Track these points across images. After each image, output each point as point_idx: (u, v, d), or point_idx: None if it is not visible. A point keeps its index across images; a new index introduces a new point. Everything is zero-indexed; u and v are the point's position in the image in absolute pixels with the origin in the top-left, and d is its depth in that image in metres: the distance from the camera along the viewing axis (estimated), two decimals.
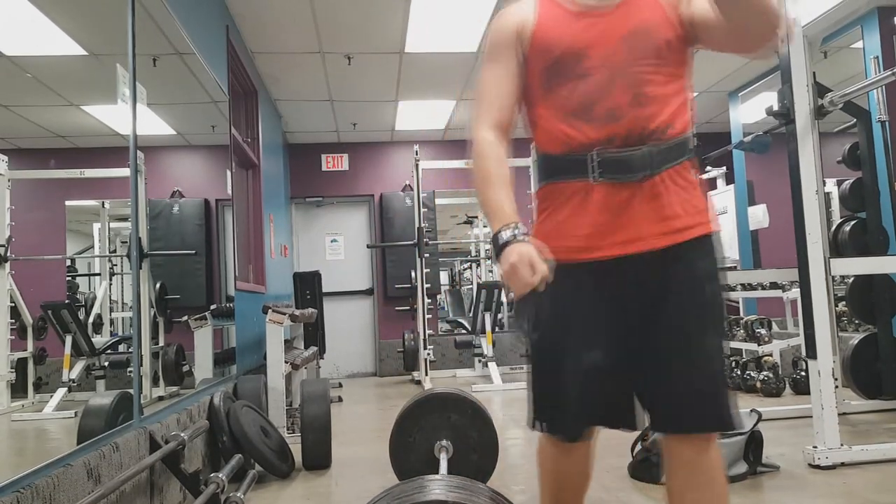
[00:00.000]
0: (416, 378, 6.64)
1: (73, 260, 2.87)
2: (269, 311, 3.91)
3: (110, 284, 3.09)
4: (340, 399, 5.78)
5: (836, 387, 3.00)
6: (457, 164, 6.71)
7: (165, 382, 2.98)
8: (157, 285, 2.97)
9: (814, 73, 3.17)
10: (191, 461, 2.62)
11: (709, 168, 6.31)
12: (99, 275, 3.17)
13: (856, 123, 4.06)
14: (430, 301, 7.05)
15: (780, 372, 4.90)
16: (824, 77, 3.27)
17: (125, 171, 2.37)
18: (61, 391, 2.44)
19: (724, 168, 6.38)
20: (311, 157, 7.69)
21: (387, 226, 7.63)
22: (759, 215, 5.88)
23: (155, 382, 2.81)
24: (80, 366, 2.56)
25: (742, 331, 5.15)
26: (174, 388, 3.03)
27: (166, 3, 2.82)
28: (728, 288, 1.47)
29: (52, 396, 2.37)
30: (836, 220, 4.65)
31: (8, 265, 2.08)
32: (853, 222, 4.03)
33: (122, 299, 3.08)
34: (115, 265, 3.19)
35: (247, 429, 2.97)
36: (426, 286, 6.49)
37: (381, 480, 2.87)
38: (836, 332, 3.88)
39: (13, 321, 2.18)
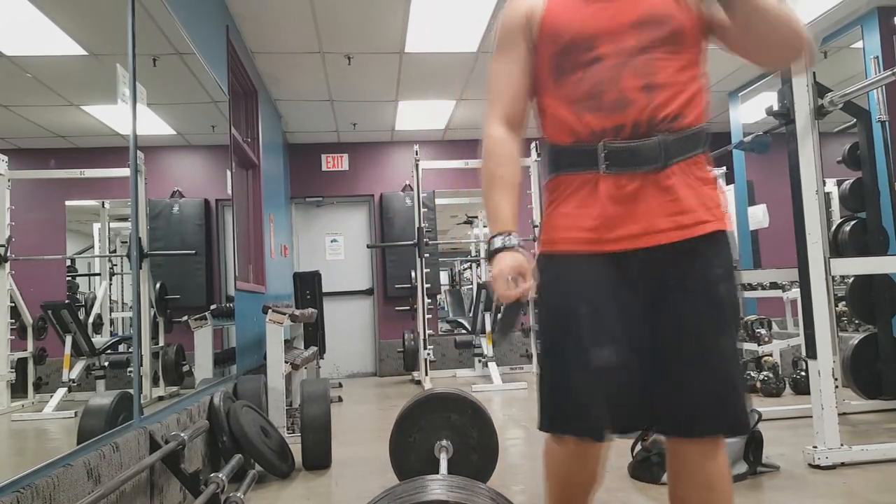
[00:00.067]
0: (416, 378, 6.64)
1: (73, 260, 2.87)
2: (269, 311, 3.91)
3: (110, 284, 3.09)
4: (340, 399, 5.78)
5: (836, 387, 3.00)
6: (457, 164, 6.70)
7: (165, 382, 2.98)
8: (157, 285, 2.97)
9: (814, 73, 3.17)
10: (191, 461, 2.62)
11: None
12: (99, 275, 3.17)
13: (856, 123, 4.06)
14: (430, 301, 7.05)
15: (780, 372, 4.90)
16: (824, 77, 3.27)
17: (125, 171, 2.37)
18: (61, 391, 2.44)
19: (724, 168, 6.38)
20: (311, 157, 7.69)
21: (387, 226, 7.63)
22: (759, 215, 5.88)
23: (155, 382, 2.81)
24: (80, 366, 2.56)
25: (742, 331, 5.16)
26: (174, 388, 3.03)
27: (166, 3, 2.82)
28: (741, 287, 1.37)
29: (52, 396, 2.37)
30: (836, 220, 4.65)
31: (8, 265, 2.08)
32: (853, 222, 4.03)
33: (122, 299, 3.08)
34: (115, 265, 3.19)
35: (247, 429, 2.97)
36: (426, 286, 6.49)
37: (381, 480, 2.87)
38: (836, 332, 3.88)
39: (13, 321, 2.18)
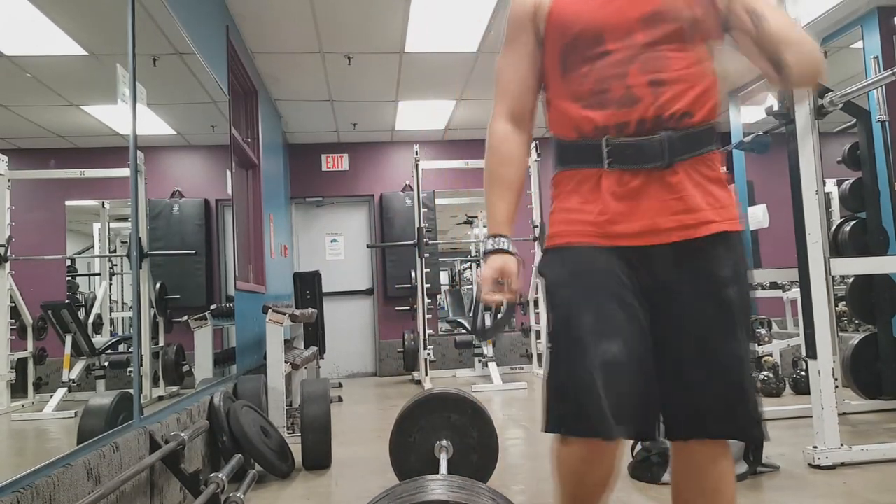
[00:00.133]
0: (416, 378, 6.64)
1: (73, 260, 2.87)
2: (269, 311, 3.91)
3: (110, 284, 3.09)
4: (340, 399, 5.78)
5: (836, 387, 3.00)
6: (457, 164, 6.71)
7: (165, 382, 2.98)
8: (157, 285, 2.97)
9: None
10: (191, 461, 2.62)
11: None
12: (99, 275, 3.17)
13: (856, 123, 4.06)
14: (430, 301, 7.04)
15: (780, 372, 4.90)
16: (824, 77, 3.27)
17: (125, 171, 2.37)
18: (61, 391, 2.44)
19: (724, 168, 6.37)
20: (311, 157, 7.69)
21: (387, 226, 7.63)
22: (759, 215, 5.87)
23: (155, 382, 2.81)
24: (80, 366, 2.56)
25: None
26: (174, 388, 3.03)
27: (166, 3, 2.82)
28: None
29: (52, 396, 2.37)
30: (836, 220, 4.65)
31: (8, 265, 2.08)
32: (853, 222, 4.03)
33: (122, 299, 3.08)
34: (115, 265, 3.19)
35: (247, 429, 2.97)
36: (426, 286, 6.49)
37: (381, 480, 2.87)
38: (836, 332, 3.88)
39: (13, 321, 2.18)
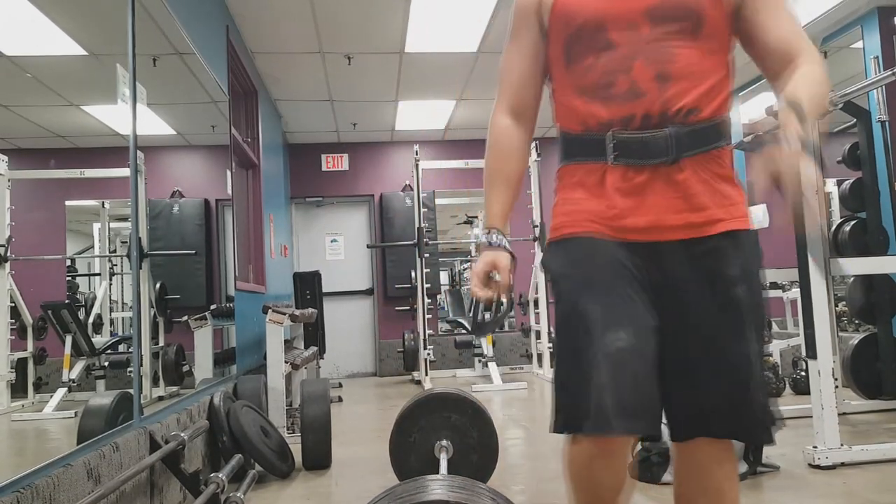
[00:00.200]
0: (416, 378, 6.64)
1: (73, 260, 2.87)
2: (269, 311, 3.91)
3: (110, 284, 3.09)
4: (340, 399, 5.78)
5: (836, 387, 3.00)
6: (457, 164, 6.71)
7: (165, 382, 2.98)
8: (157, 285, 2.97)
9: None
10: (191, 461, 2.62)
11: None
12: (99, 275, 3.17)
13: (856, 123, 4.07)
14: (430, 301, 7.04)
15: (780, 372, 4.90)
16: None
17: (125, 171, 2.37)
18: (61, 391, 2.44)
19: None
20: (311, 157, 7.69)
21: (387, 226, 7.63)
22: (759, 215, 5.87)
23: (155, 382, 2.81)
24: (80, 366, 2.56)
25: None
26: (174, 388, 3.03)
27: (166, 3, 2.82)
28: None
29: (52, 396, 2.37)
30: (836, 220, 4.65)
31: (8, 265, 2.08)
32: (853, 222, 4.03)
33: (122, 299, 3.08)
34: (115, 265, 3.19)
35: (247, 429, 2.97)
36: (426, 286, 6.49)
37: (381, 480, 2.87)
38: (836, 332, 3.88)
39: (13, 321, 2.19)
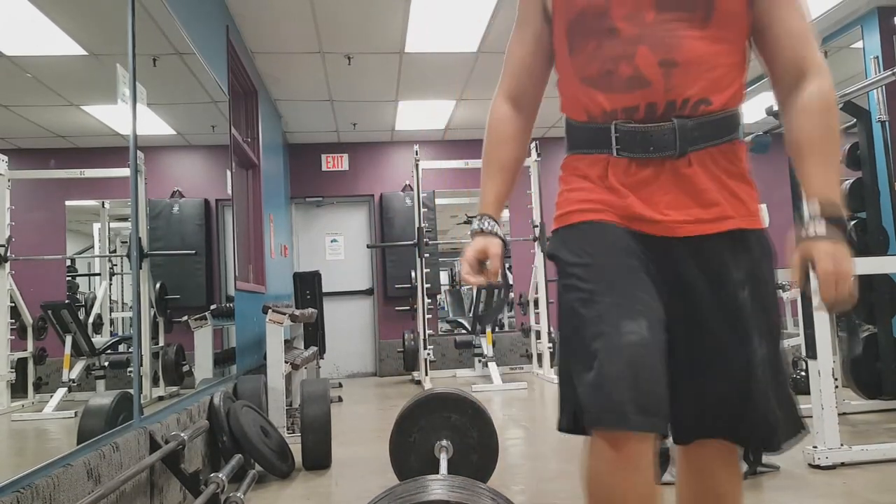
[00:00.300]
0: (416, 378, 6.64)
1: (73, 260, 2.87)
2: (269, 311, 3.91)
3: (110, 284, 3.09)
4: (340, 399, 5.78)
5: (836, 387, 3.00)
6: (457, 164, 6.71)
7: (165, 382, 2.98)
8: (157, 285, 2.97)
9: None
10: (191, 461, 2.62)
11: None
12: (99, 275, 3.17)
13: (856, 123, 4.07)
14: (430, 301, 7.05)
15: None
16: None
17: (125, 171, 2.37)
18: (61, 391, 2.44)
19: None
20: (311, 157, 7.69)
21: (387, 226, 7.63)
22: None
23: (155, 382, 2.81)
24: (80, 366, 2.56)
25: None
26: (174, 388, 3.03)
27: (166, 3, 2.82)
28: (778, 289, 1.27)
29: (52, 396, 2.37)
30: None
31: (8, 265, 2.08)
32: (853, 222, 4.03)
33: (122, 299, 3.08)
34: (115, 265, 3.19)
35: (247, 429, 2.97)
36: (426, 286, 6.49)
37: (381, 480, 2.87)
38: (836, 332, 3.88)
39: (13, 321, 2.18)
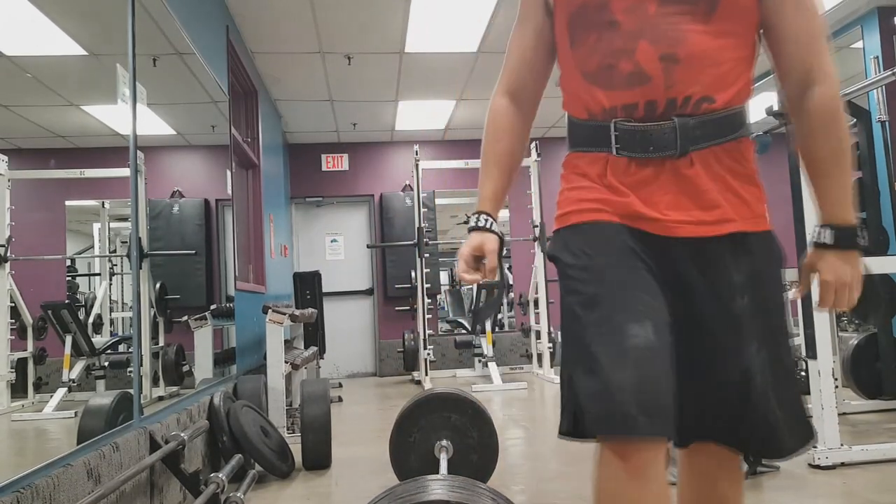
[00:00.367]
0: (416, 378, 6.64)
1: (73, 260, 2.87)
2: (269, 311, 3.91)
3: (110, 284, 3.09)
4: (340, 399, 5.78)
5: (836, 387, 3.00)
6: (457, 164, 6.71)
7: (165, 382, 2.98)
8: (157, 285, 2.97)
9: None
10: (191, 461, 2.62)
11: None
12: (99, 275, 3.17)
13: (856, 123, 4.07)
14: (430, 301, 7.05)
15: None
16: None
17: (125, 171, 2.37)
18: (61, 391, 2.43)
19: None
20: (311, 157, 7.69)
21: (387, 226, 7.63)
22: None
23: (155, 382, 2.81)
24: (80, 366, 2.56)
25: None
26: (174, 388, 3.03)
27: (166, 3, 2.82)
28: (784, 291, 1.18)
29: (52, 396, 2.37)
30: None
31: (8, 265, 2.08)
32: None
33: (122, 299, 3.08)
34: (115, 265, 3.19)
35: (247, 429, 2.97)
36: (426, 286, 6.49)
37: (381, 480, 2.87)
38: (836, 332, 3.88)
39: (13, 321, 2.18)
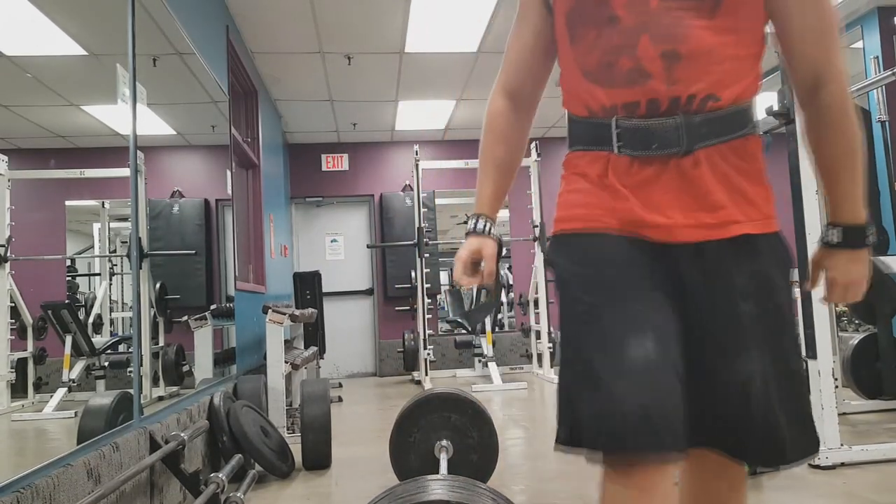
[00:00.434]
0: (416, 378, 6.64)
1: (73, 260, 2.87)
2: (269, 311, 3.91)
3: (110, 284, 3.09)
4: (340, 399, 5.78)
5: (836, 387, 3.00)
6: (457, 164, 6.71)
7: (165, 382, 2.98)
8: (157, 285, 2.97)
9: None
10: (191, 461, 2.62)
11: None
12: (99, 275, 3.17)
13: None
14: (430, 301, 7.05)
15: None
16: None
17: (125, 171, 2.37)
18: (61, 391, 2.43)
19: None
20: (311, 157, 7.69)
21: (387, 226, 7.63)
22: None
23: (155, 382, 2.81)
24: (80, 366, 2.56)
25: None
26: (174, 388, 3.03)
27: (166, 3, 2.82)
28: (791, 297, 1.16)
29: (52, 396, 2.37)
30: None
31: (8, 265, 2.08)
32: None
33: (122, 299, 3.08)
34: (115, 265, 3.19)
35: (247, 429, 2.97)
36: (426, 286, 6.49)
37: (381, 480, 2.87)
38: (836, 332, 3.88)
39: (13, 321, 2.18)
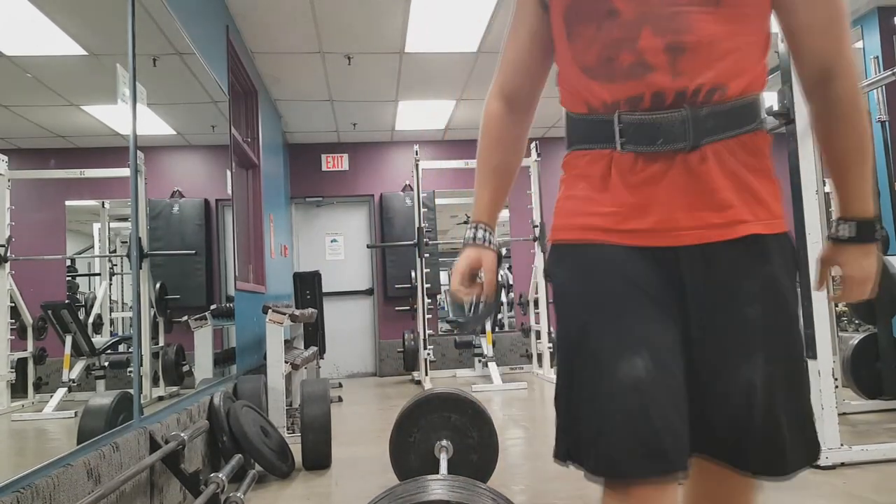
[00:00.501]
0: (416, 378, 6.64)
1: (73, 260, 2.87)
2: (269, 311, 3.91)
3: (110, 284, 3.09)
4: (340, 399, 5.78)
5: (836, 387, 3.00)
6: (457, 164, 6.71)
7: (165, 382, 2.98)
8: (157, 285, 2.97)
9: None
10: (191, 461, 2.62)
11: None
12: (99, 275, 3.17)
13: None
14: (429, 301, 7.05)
15: None
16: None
17: (125, 171, 2.37)
18: (61, 391, 2.44)
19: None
20: (311, 157, 7.69)
21: (387, 226, 7.63)
22: None
23: (155, 382, 2.81)
24: (80, 366, 2.56)
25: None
26: (174, 388, 3.03)
27: (166, 3, 2.82)
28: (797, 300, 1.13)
29: (52, 396, 2.37)
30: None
31: (8, 265, 2.08)
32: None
33: (122, 299, 3.08)
34: (115, 265, 3.19)
35: (247, 429, 2.97)
36: (426, 286, 6.49)
37: (381, 480, 2.87)
38: (836, 332, 3.88)
39: (13, 321, 2.18)
